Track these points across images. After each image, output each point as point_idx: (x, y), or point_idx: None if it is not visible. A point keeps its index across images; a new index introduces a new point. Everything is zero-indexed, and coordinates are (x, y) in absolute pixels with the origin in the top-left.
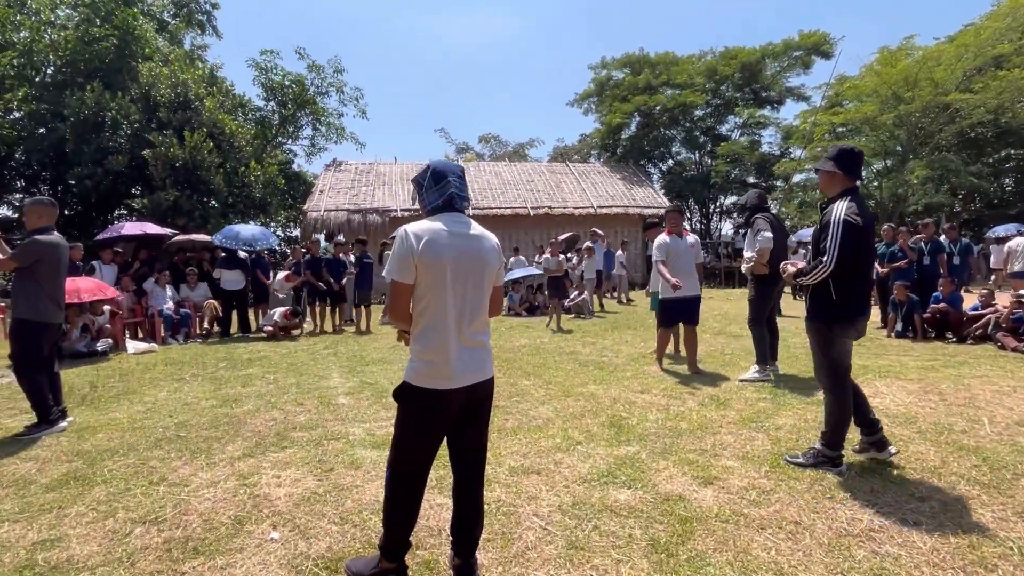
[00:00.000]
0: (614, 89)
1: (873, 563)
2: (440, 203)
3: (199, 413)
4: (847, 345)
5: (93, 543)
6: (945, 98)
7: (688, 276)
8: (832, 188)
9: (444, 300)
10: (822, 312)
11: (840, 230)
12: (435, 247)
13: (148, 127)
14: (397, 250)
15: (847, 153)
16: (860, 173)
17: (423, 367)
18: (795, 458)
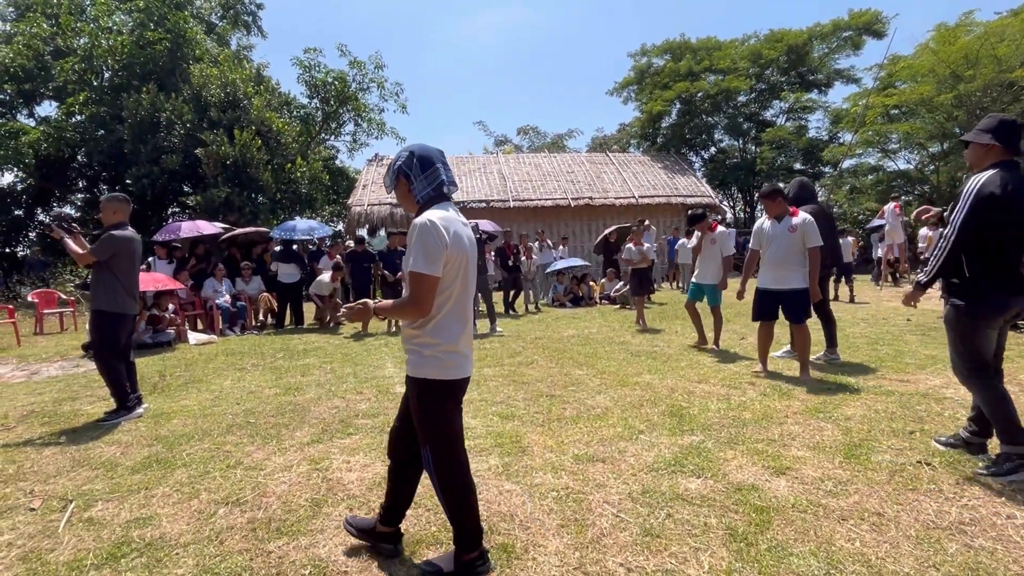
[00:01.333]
0: (654, 76)
1: (967, 557)
2: (433, 193)
3: (264, 401)
4: (986, 336)
5: (182, 522)
6: (1009, 75)
7: (780, 266)
8: (983, 161)
9: (466, 291)
10: (957, 295)
11: (970, 200)
12: (460, 237)
13: (200, 126)
14: (428, 242)
15: (1009, 124)
16: (1020, 146)
17: (448, 358)
18: (989, 470)
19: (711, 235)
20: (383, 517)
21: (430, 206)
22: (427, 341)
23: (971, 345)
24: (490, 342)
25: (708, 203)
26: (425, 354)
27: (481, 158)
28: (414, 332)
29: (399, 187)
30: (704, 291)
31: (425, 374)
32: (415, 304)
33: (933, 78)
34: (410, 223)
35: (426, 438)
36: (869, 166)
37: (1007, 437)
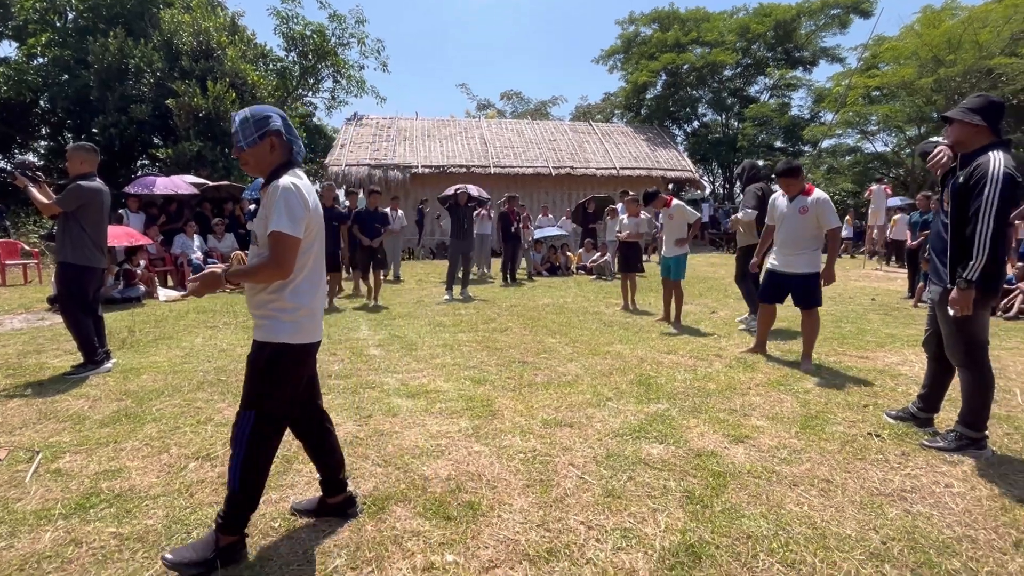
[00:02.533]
0: (641, 46)
1: (905, 521)
2: (293, 157)
3: (236, 359)
4: (986, 317)
5: (152, 475)
6: (988, 62)
7: (789, 248)
8: (972, 143)
9: (321, 255)
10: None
11: (1000, 184)
12: (317, 205)
13: (171, 76)
14: (292, 204)
15: (998, 106)
16: (1001, 128)
17: (306, 322)
18: (933, 442)
19: (667, 210)
20: (326, 488)
21: (286, 170)
22: (286, 305)
23: (972, 328)
24: (465, 308)
25: (689, 177)
26: (283, 319)
27: (463, 122)
28: (270, 296)
29: (261, 146)
30: (669, 264)
31: (283, 339)
32: (277, 266)
33: (915, 61)
34: (388, 184)
35: (256, 404)
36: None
37: (972, 421)
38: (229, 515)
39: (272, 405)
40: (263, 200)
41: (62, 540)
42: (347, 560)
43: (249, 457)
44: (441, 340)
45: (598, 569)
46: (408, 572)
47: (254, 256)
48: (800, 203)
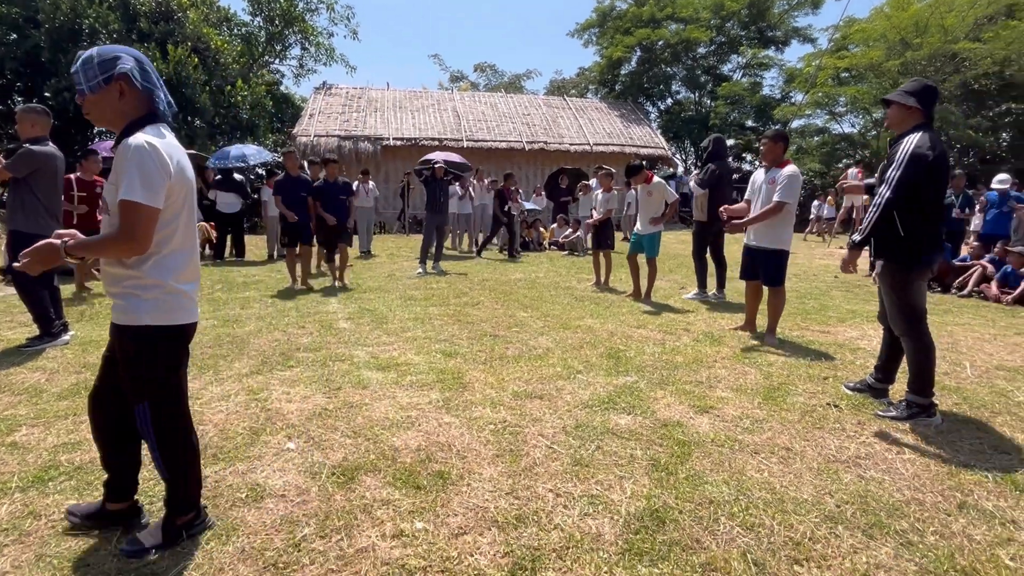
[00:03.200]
0: (616, 20)
1: (859, 486)
2: (152, 111)
3: (201, 332)
4: (922, 287)
5: None
6: (953, 47)
7: (760, 221)
8: (905, 124)
9: (191, 225)
10: (893, 253)
11: (906, 160)
12: (184, 167)
13: (128, 38)
14: (148, 167)
15: (932, 90)
16: (934, 111)
17: (173, 300)
18: (887, 412)
19: (647, 187)
20: (109, 493)
21: (142, 126)
22: (147, 282)
23: (909, 299)
24: (437, 281)
25: (661, 155)
26: (145, 297)
27: (436, 94)
28: (128, 272)
29: (108, 93)
30: (643, 242)
31: (146, 320)
32: (129, 239)
33: (884, 43)
34: (358, 156)
35: (143, 393)
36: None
37: (918, 387)
38: (175, 499)
39: (157, 392)
40: (113, 160)
41: (19, 513)
42: (316, 529)
43: (166, 446)
44: (412, 313)
45: (565, 534)
46: (378, 540)
47: (106, 225)
48: (772, 175)
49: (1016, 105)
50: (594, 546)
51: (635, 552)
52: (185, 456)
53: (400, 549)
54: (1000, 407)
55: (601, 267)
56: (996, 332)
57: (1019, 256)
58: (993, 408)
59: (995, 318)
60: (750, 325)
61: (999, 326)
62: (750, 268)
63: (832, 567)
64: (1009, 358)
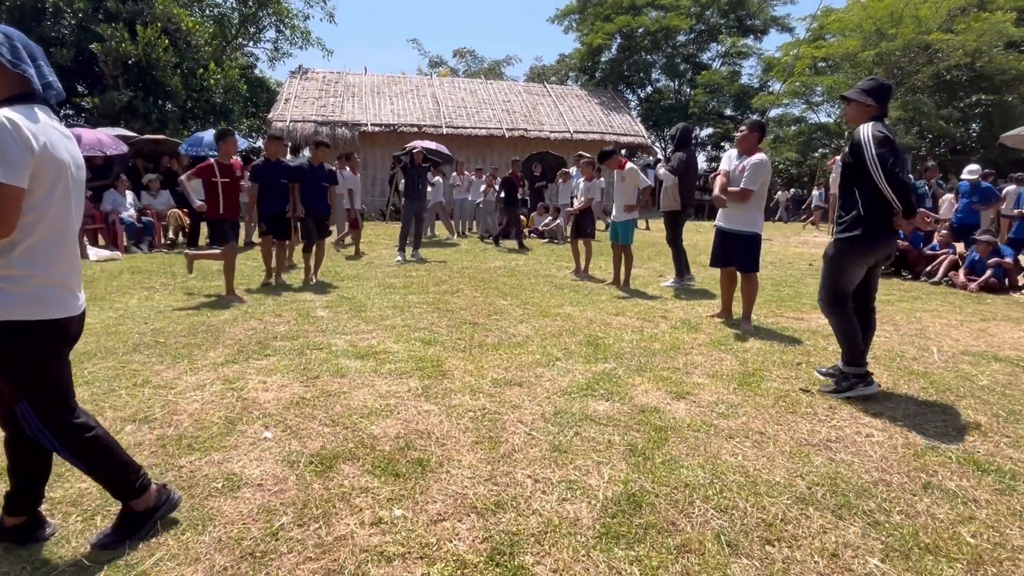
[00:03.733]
0: (597, 7)
1: (829, 468)
2: (26, 89)
3: (175, 321)
4: (858, 272)
5: None
6: (927, 37)
7: (731, 205)
8: (861, 120)
9: (68, 213)
10: (845, 236)
11: (871, 142)
12: (56, 147)
13: (95, 18)
14: (9, 145)
15: (888, 88)
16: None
17: (44, 292)
18: (827, 387)
19: (620, 172)
20: (9, 505)
21: (13, 104)
22: (13, 273)
23: (843, 278)
24: (417, 270)
25: (641, 143)
26: (13, 291)
27: (415, 79)
28: (12, 261)
29: None
30: (617, 229)
31: (13, 315)
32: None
33: (860, 33)
34: (336, 142)
35: (20, 392)
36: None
37: (849, 359)
38: (113, 488)
39: (36, 391)
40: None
41: None
42: (294, 517)
43: (64, 443)
44: (391, 302)
45: (543, 519)
46: (356, 527)
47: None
48: (743, 161)
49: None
50: (572, 530)
51: (612, 535)
52: (92, 448)
53: (379, 536)
54: (964, 391)
55: (581, 255)
56: (963, 318)
57: (985, 244)
58: (958, 392)
59: (962, 305)
60: (726, 312)
61: (966, 312)
62: (722, 255)
63: (802, 546)
64: (974, 343)
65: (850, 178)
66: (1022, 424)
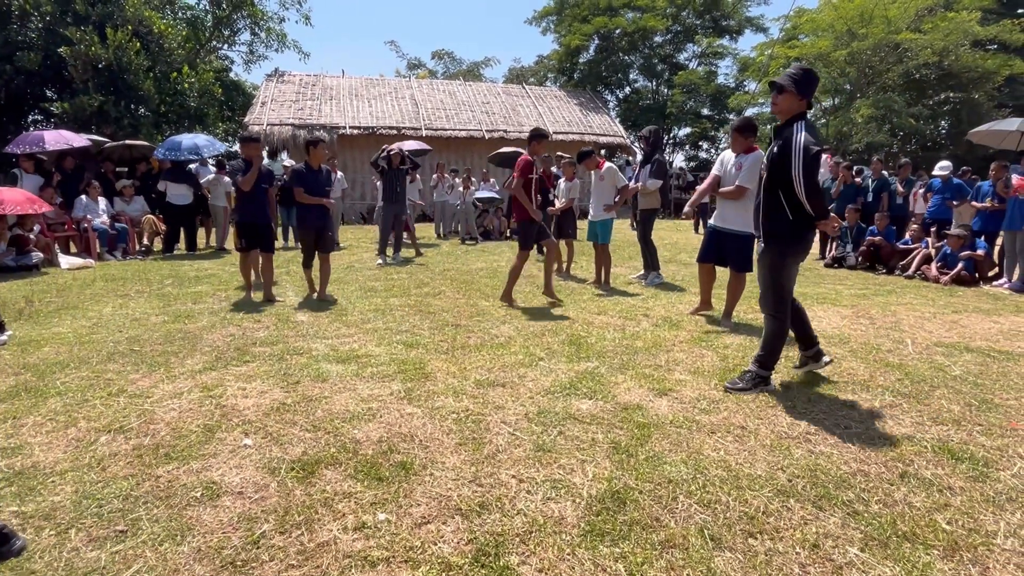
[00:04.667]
0: (574, 8)
1: (809, 460)
2: None
3: (150, 328)
4: (796, 271)
5: (57, 450)
6: (896, 37)
7: (725, 204)
8: (791, 112)
9: None
10: (781, 236)
11: (802, 154)
12: None
13: (63, 21)
14: None
15: (813, 78)
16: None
17: None
18: (735, 385)
19: (599, 172)
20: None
21: None
22: None
23: (783, 280)
24: (397, 272)
25: (620, 143)
26: None
27: (393, 81)
28: None
29: None
30: (596, 228)
31: None
32: None
33: (832, 33)
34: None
35: None
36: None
37: (764, 361)
38: None
39: None
40: None
41: None
42: (275, 524)
43: None
44: (372, 305)
45: (528, 519)
46: (339, 533)
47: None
48: (740, 160)
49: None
50: (557, 529)
51: (597, 533)
52: None
53: (362, 541)
54: (938, 381)
55: (563, 256)
56: (935, 311)
57: (956, 238)
58: (932, 382)
59: (935, 297)
60: (705, 305)
61: (938, 305)
62: (711, 251)
63: (784, 538)
64: (947, 335)
65: (776, 179)
66: (993, 413)
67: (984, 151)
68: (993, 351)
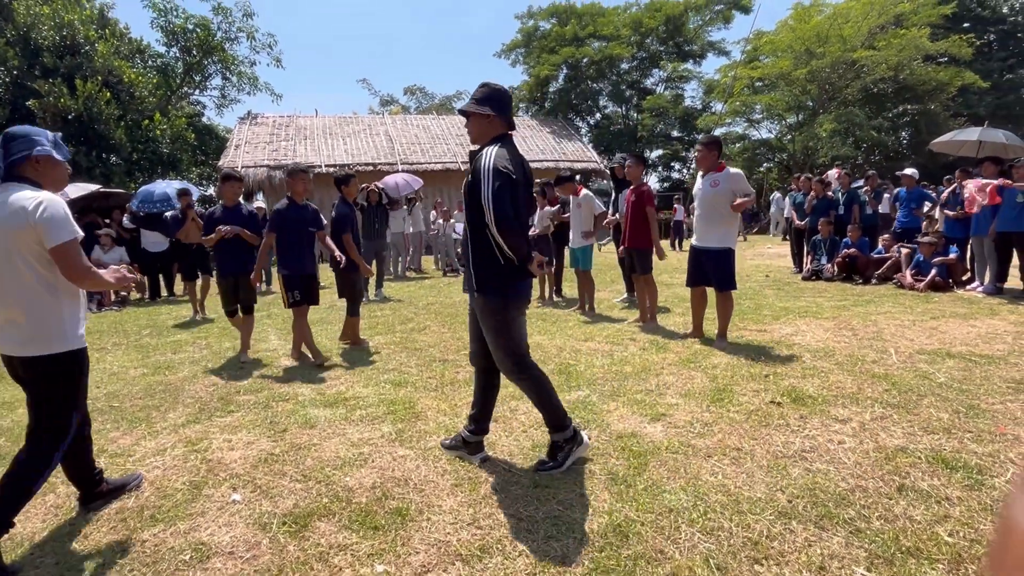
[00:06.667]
0: (541, 40)
1: (807, 479)
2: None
3: (129, 382)
4: (523, 320)
5: (36, 520)
6: (852, 55)
7: (702, 222)
8: (486, 135)
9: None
10: (492, 286)
11: (491, 177)
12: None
13: (31, 74)
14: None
15: (502, 94)
16: (512, 118)
17: None
18: (544, 467)
19: (576, 199)
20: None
21: None
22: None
23: (514, 335)
24: (381, 309)
25: (594, 168)
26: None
27: (367, 118)
28: None
29: None
30: (576, 255)
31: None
32: None
33: (791, 53)
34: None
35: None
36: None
37: (556, 423)
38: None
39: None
40: None
41: None
42: None
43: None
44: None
45: (531, 560)
46: None
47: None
48: (711, 179)
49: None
50: (560, 569)
51: (601, 570)
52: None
53: None
54: (925, 389)
55: (545, 283)
56: (914, 318)
57: (928, 245)
58: (919, 391)
59: (912, 305)
60: (698, 331)
61: (916, 312)
62: (697, 274)
63: (790, 562)
64: (928, 342)
65: (475, 212)
66: (982, 418)
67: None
68: (974, 355)
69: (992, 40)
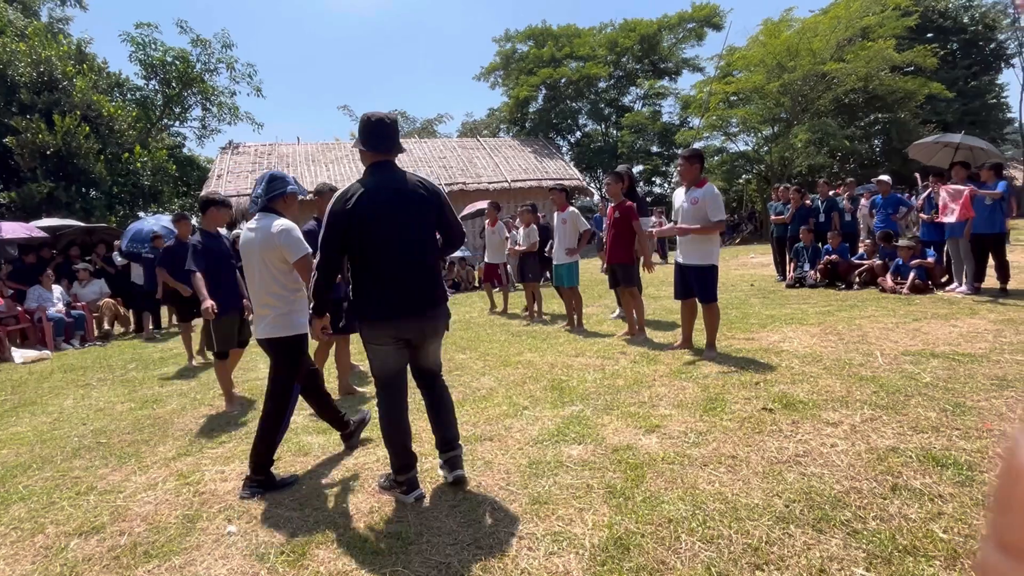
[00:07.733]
0: (519, 62)
1: (802, 483)
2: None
3: (117, 418)
4: (385, 354)
5: (25, 562)
6: (822, 67)
7: (686, 240)
8: (364, 162)
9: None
10: (355, 313)
11: (326, 216)
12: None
13: (8, 111)
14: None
15: (367, 123)
16: (390, 145)
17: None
18: (383, 482)
19: (561, 215)
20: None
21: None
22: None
23: (374, 370)
24: None
25: (577, 185)
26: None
27: (349, 145)
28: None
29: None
30: (562, 272)
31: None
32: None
33: (763, 68)
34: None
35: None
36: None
37: (399, 465)
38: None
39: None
40: None
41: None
42: None
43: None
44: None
45: None
46: None
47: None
48: (692, 195)
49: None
50: None
51: None
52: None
53: None
54: (912, 390)
55: (532, 300)
56: (897, 320)
57: (906, 249)
58: (906, 392)
59: (895, 308)
60: (687, 343)
61: (899, 315)
62: (683, 287)
63: (790, 566)
64: (912, 343)
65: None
66: (968, 416)
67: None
68: (957, 355)
69: (956, 49)
